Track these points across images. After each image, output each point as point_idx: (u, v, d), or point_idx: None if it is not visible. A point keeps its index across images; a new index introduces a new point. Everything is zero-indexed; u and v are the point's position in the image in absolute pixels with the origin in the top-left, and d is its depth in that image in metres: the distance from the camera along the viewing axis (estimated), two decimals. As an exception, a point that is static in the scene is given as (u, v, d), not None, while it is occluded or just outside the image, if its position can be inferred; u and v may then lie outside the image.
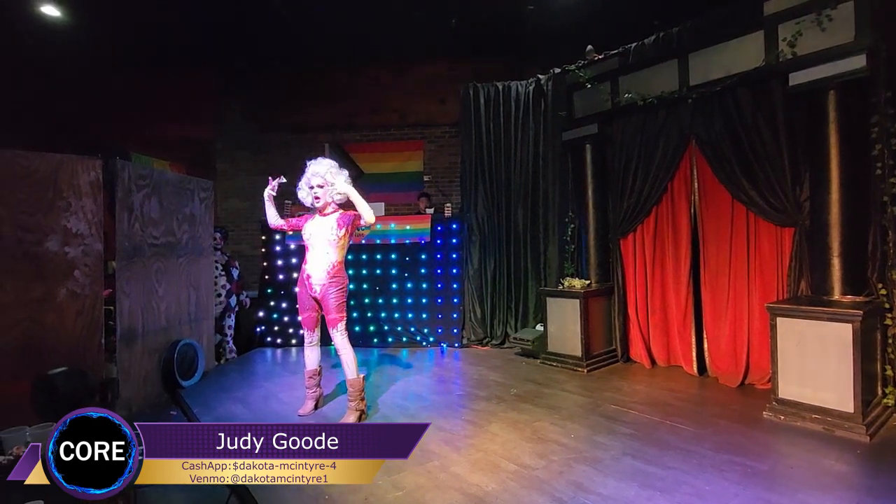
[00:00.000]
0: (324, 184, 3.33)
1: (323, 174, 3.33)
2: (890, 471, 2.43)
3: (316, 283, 3.33)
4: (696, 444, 2.79)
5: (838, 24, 3.09)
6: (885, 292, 3.13)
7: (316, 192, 3.34)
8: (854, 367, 2.82)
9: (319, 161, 3.41)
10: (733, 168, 3.71)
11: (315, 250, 3.36)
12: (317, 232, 3.36)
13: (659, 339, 4.39)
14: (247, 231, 7.28)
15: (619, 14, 5.57)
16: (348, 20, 6.08)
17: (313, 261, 3.35)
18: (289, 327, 5.67)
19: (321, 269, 3.31)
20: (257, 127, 7.49)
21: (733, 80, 3.61)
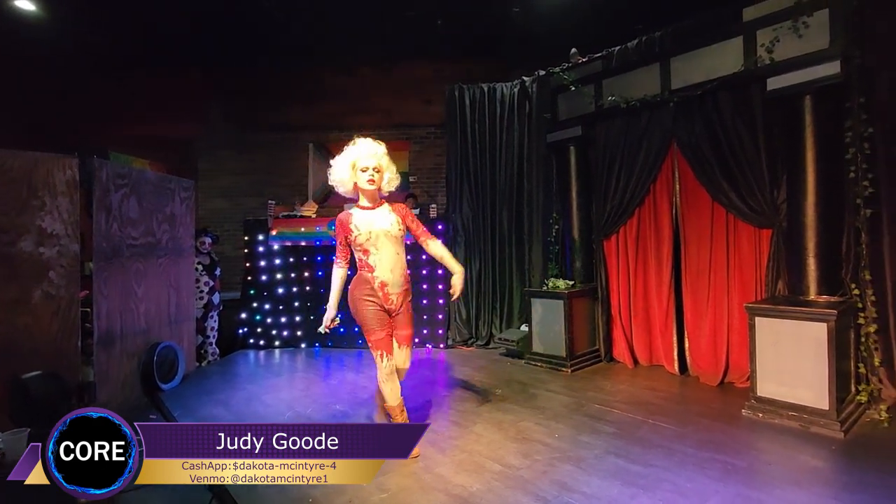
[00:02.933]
0: (380, 168, 2.74)
1: (381, 156, 2.75)
2: (864, 466, 2.49)
3: (394, 293, 2.75)
4: (677, 441, 2.83)
5: (814, 30, 3.17)
6: (858, 292, 3.22)
7: (373, 175, 2.70)
8: (829, 365, 2.90)
9: (370, 141, 2.77)
10: (713, 170, 3.78)
11: (382, 251, 2.71)
12: (377, 226, 2.72)
13: (641, 338, 4.44)
14: (229, 231, 7.17)
15: (602, 18, 5.64)
16: (334, 20, 6.04)
17: (384, 264, 2.71)
18: (272, 329, 5.61)
19: (399, 274, 2.74)
20: (240, 126, 7.39)
21: (714, 85, 3.67)
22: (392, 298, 2.76)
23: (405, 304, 2.83)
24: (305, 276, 5.63)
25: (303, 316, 5.62)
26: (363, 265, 2.75)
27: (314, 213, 5.88)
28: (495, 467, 2.59)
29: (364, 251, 2.73)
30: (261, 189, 7.25)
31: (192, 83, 7.30)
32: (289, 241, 5.61)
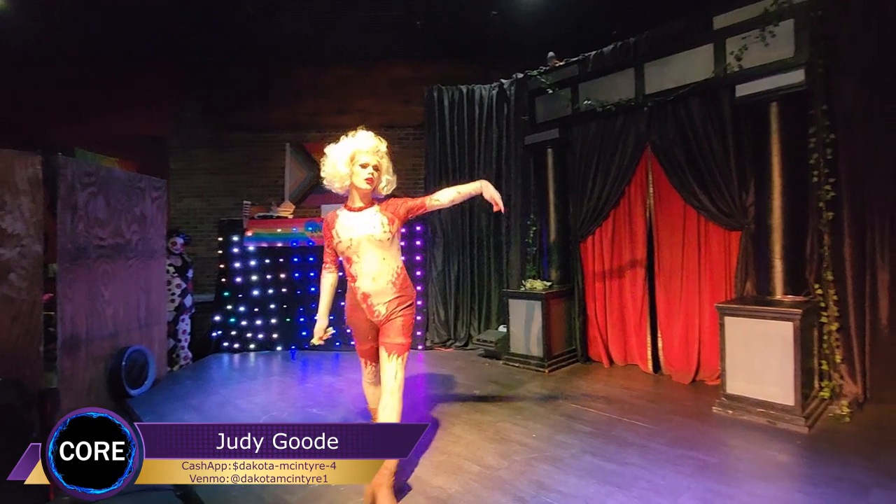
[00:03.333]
0: (380, 167, 2.45)
1: (383, 154, 2.46)
2: (827, 460, 2.59)
3: (380, 303, 2.42)
4: (651, 439, 2.89)
5: (780, 40, 3.29)
6: (821, 292, 3.35)
7: (372, 174, 2.40)
8: (795, 363, 3.00)
9: (371, 135, 2.48)
10: (685, 174, 3.87)
11: (364, 259, 2.40)
12: (359, 232, 2.39)
13: (616, 338, 4.52)
14: (203, 232, 7.00)
15: (579, 23, 5.73)
16: (313, 18, 5.98)
17: (366, 273, 2.40)
18: (247, 332, 5.50)
19: (385, 282, 2.42)
20: (215, 124, 7.23)
21: (686, 90, 3.77)
22: (378, 310, 2.42)
23: (403, 312, 2.46)
24: (282, 278, 5.54)
25: (279, 319, 5.53)
26: (347, 274, 2.49)
27: (291, 213, 5.80)
28: (474, 468, 2.60)
29: (346, 259, 2.45)
30: (236, 189, 7.11)
31: (164, 79, 7.11)
32: (265, 242, 5.52)
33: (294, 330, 5.52)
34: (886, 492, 2.26)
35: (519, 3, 5.63)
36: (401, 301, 2.46)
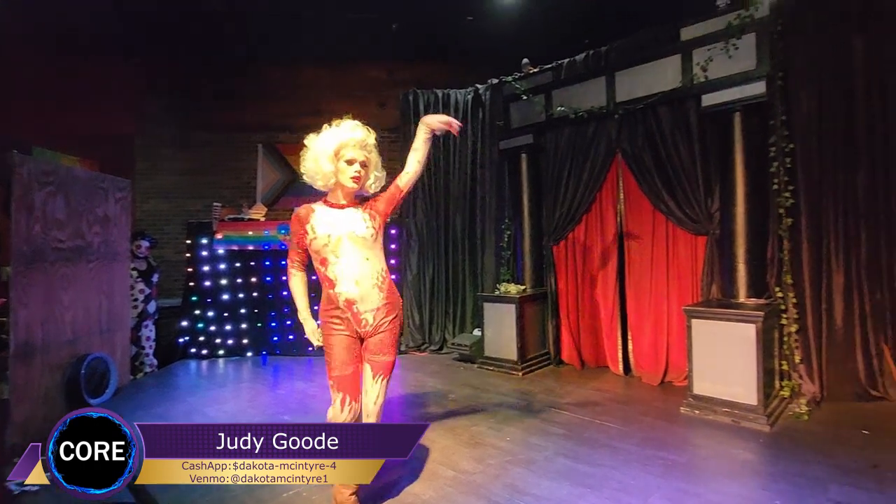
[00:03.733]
0: (368, 161, 2.18)
1: (371, 148, 2.20)
2: (788, 457, 2.69)
3: (368, 311, 2.13)
4: (622, 440, 2.94)
5: (743, 52, 3.42)
6: (781, 295, 3.49)
7: (359, 172, 2.14)
8: (757, 364, 3.11)
9: (358, 125, 2.20)
10: (654, 180, 3.98)
11: (344, 259, 2.11)
12: (341, 229, 2.12)
13: (588, 341, 4.60)
14: (169, 234, 6.79)
15: (553, 31, 5.83)
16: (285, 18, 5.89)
17: (347, 275, 2.11)
18: (215, 337, 5.35)
19: (370, 286, 2.13)
20: (184, 124, 7.03)
21: (655, 99, 3.88)
22: (365, 318, 2.13)
23: (392, 324, 2.20)
24: (253, 282, 5.42)
25: (249, 323, 5.40)
26: (323, 279, 2.15)
27: (263, 216, 5.68)
28: (448, 473, 2.59)
29: (322, 260, 2.12)
30: (205, 190, 6.92)
31: (129, 76, 6.87)
32: (235, 245, 5.39)
33: (265, 335, 5.40)
34: (843, 487, 2.36)
35: (494, 9, 5.69)
36: (388, 310, 2.19)
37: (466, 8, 5.82)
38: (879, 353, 3.35)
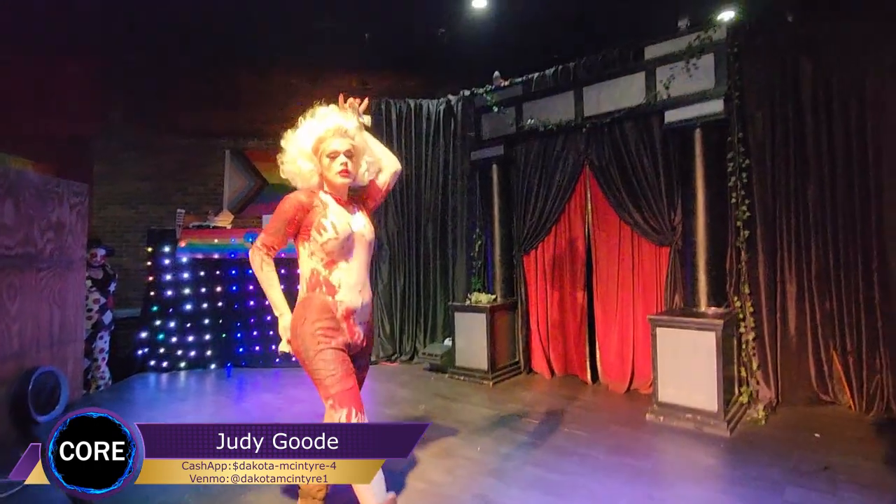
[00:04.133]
0: (353, 149, 1.93)
1: (354, 132, 1.94)
2: (746, 461, 2.79)
3: (360, 323, 1.98)
4: (590, 448, 2.98)
5: (702, 72, 3.59)
6: (739, 304, 3.63)
7: (345, 164, 1.90)
8: (717, 371, 3.22)
9: (334, 111, 1.96)
10: (620, 192, 4.10)
11: (354, 264, 1.94)
12: (356, 227, 1.96)
13: (557, 350, 4.66)
14: (129, 242, 6.55)
15: (523, 45, 5.95)
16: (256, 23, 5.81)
17: (354, 284, 1.92)
18: (177, 349, 5.15)
19: (369, 298, 2.02)
20: (147, 127, 6.81)
21: (621, 114, 4.01)
22: (359, 332, 1.96)
23: (370, 338, 2.10)
24: (217, 291, 5.26)
25: (213, 334, 5.23)
26: (319, 283, 1.88)
27: (229, 223, 5.54)
28: (419, 485, 2.56)
29: (329, 262, 1.88)
30: (168, 197, 6.72)
31: (89, 75, 6.61)
32: (200, 253, 5.22)
33: (230, 346, 5.24)
34: (798, 489, 2.46)
35: (466, 23, 5.78)
36: (372, 323, 2.10)
37: (439, 20, 5.89)
38: (829, 359, 3.52)
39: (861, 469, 2.64)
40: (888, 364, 3.31)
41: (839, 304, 3.48)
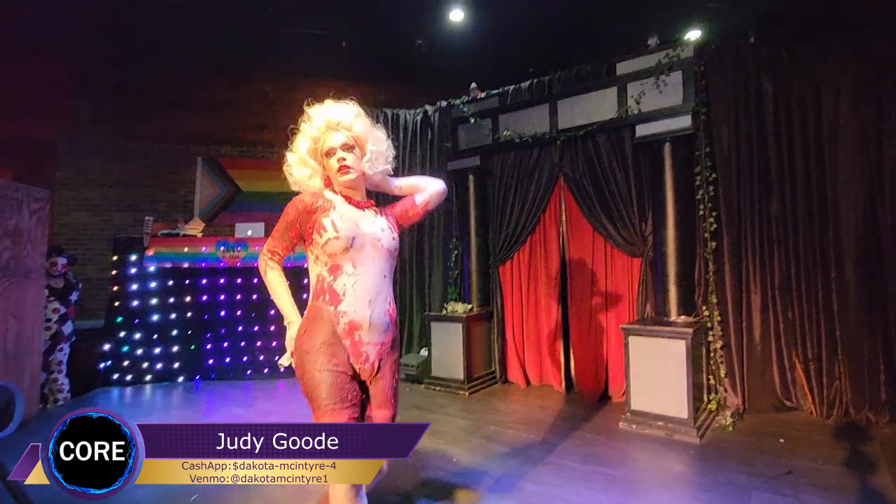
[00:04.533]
0: (352, 141, 1.75)
1: (352, 122, 1.76)
2: (715, 467, 2.85)
3: (370, 343, 1.69)
4: (565, 457, 3.00)
5: (671, 88, 3.71)
6: (707, 313, 3.74)
7: (344, 158, 1.72)
8: (687, 378, 3.30)
9: (329, 105, 1.78)
10: (594, 204, 4.18)
11: (362, 270, 1.69)
12: (365, 229, 1.73)
13: (533, 359, 4.69)
14: (93, 250, 6.30)
15: (500, 58, 6.07)
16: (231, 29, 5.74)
17: (362, 292, 1.68)
18: (142, 361, 4.96)
19: (382, 312, 1.72)
20: (114, 132, 6.60)
21: (594, 127, 4.10)
22: (367, 353, 1.68)
23: (394, 365, 1.79)
24: (186, 302, 5.10)
25: (182, 345, 5.06)
26: (323, 290, 1.68)
27: (200, 232, 5.40)
28: (394, 499, 2.52)
29: (334, 267, 1.68)
30: (136, 203, 6.51)
31: (53, 76, 6.39)
32: (168, 262, 5.06)
33: (199, 358, 5.08)
34: (763, 493, 2.53)
35: (443, 35, 5.85)
36: (395, 347, 1.79)
37: (417, 32, 5.94)
38: (792, 366, 3.65)
39: (822, 472, 2.73)
40: (846, 371, 3.46)
41: (800, 313, 3.63)
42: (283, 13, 5.44)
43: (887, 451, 2.96)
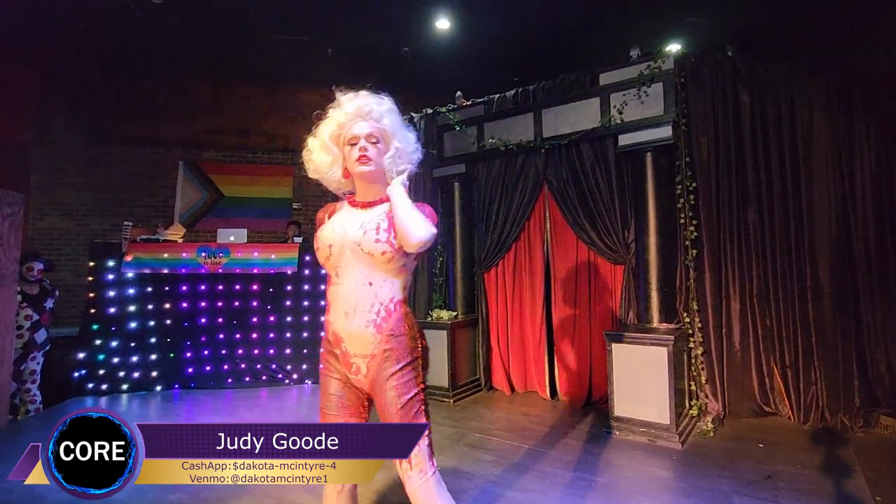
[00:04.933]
0: (379, 135, 1.65)
1: (382, 115, 1.66)
2: (697, 472, 2.88)
3: (357, 356, 1.59)
4: (548, 464, 3.01)
5: (652, 99, 3.78)
6: (688, 320, 3.79)
7: (366, 149, 1.61)
8: (669, 385, 3.34)
9: (363, 94, 1.69)
10: (577, 212, 4.23)
11: (343, 278, 1.60)
12: (348, 236, 1.59)
13: (517, 366, 4.70)
14: (69, 256, 6.15)
15: (486, 66, 6.13)
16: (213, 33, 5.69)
17: (340, 302, 1.59)
18: (119, 370, 4.83)
19: (362, 323, 1.57)
20: (92, 135, 6.48)
21: (577, 136, 4.15)
22: (356, 364, 1.59)
23: (397, 378, 1.58)
24: (166, 308, 5.00)
25: (160, 354, 4.95)
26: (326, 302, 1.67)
27: (181, 237, 5.31)
28: (375, 508, 2.49)
29: (328, 277, 1.65)
30: (115, 208, 6.38)
31: (28, 80, 6.25)
32: (147, 268, 4.96)
33: (179, 366, 4.97)
34: (744, 498, 2.56)
35: (429, 43, 5.89)
36: (393, 358, 1.57)
37: (403, 39, 5.97)
38: (770, 372, 3.73)
39: (800, 477, 2.78)
40: (822, 376, 3.54)
41: (778, 320, 3.70)
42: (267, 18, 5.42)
43: (861, 455, 3.04)
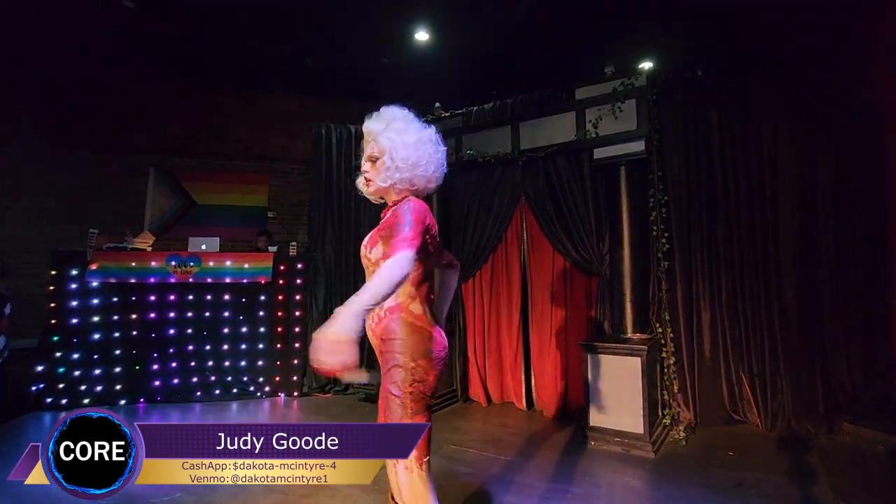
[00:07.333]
0: (379, 154, 1.76)
1: (376, 135, 1.79)
2: (670, 481, 2.92)
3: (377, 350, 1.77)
4: (524, 476, 3.00)
5: (626, 114, 3.88)
6: (661, 330, 3.87)
7: (366, 169, 1.80)
8: (643, 394, 3.38)
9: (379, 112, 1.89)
10: (554, 223, 4.28)
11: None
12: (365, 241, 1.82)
13: (494, 377, 4.69)
14: (30, 264, 5.88)
15: (464, 78, 6.20)
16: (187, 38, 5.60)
17: None
18: (80, 383, 4.62)
19: (368, 322, 1.76)
20: (56, 139, 6.25)
21: (554, 149, 4.22)
22: None
23: (385, 377, 1.69)
24: (132, 319, 4.81)
25: (125, 366, 4.76)
26: None
27: (150, 245, 5.15)
28: (349, 524, 2.43)
29: None
30: (80, 215, 6.14)
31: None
32: (113, 277, 4.78)
33: (144, 379, 4.78)
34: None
35: (409, 54, 5.93)
36: (383, 356, 1.70)
37: (383, 50, 5.99)
38: (739, 381, 3.82)
39: (768, 483, 2.85)
40: (787, 385, 3.65)
41: (746, 330, 3.81)
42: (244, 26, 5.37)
43: (825, 461, 3.13)
